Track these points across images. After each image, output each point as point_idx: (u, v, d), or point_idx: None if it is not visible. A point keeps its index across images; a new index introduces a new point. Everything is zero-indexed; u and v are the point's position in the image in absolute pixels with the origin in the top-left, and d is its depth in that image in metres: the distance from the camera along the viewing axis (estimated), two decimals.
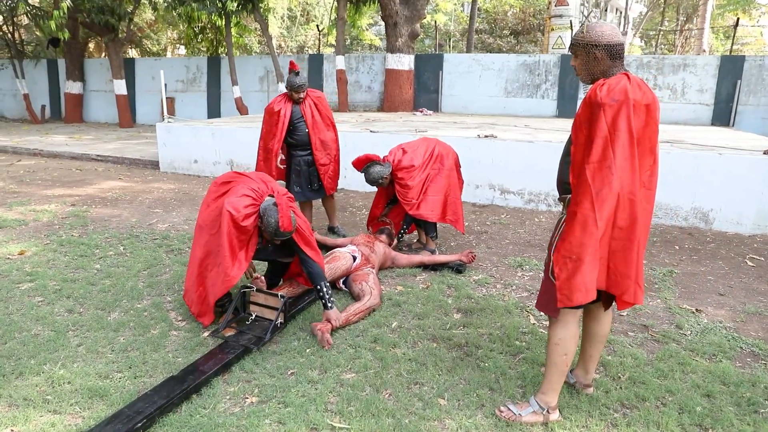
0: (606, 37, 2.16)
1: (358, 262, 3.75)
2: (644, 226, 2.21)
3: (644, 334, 3.25)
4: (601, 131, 2.06)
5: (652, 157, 2.18)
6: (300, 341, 3.07)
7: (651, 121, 2.12)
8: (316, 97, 4.97)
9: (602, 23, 2.21)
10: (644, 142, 2.12)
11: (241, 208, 3.01)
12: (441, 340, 3.11)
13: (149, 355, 2.88)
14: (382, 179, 4.47)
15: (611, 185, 2.06)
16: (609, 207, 2.08)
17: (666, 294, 3.89)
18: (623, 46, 2.19)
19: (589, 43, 2.18)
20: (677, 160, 5.67)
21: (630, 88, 2.06)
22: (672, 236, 5.40)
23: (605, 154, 2.06)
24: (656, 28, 32.25)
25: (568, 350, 2.30)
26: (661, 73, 10.88)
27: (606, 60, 2.18)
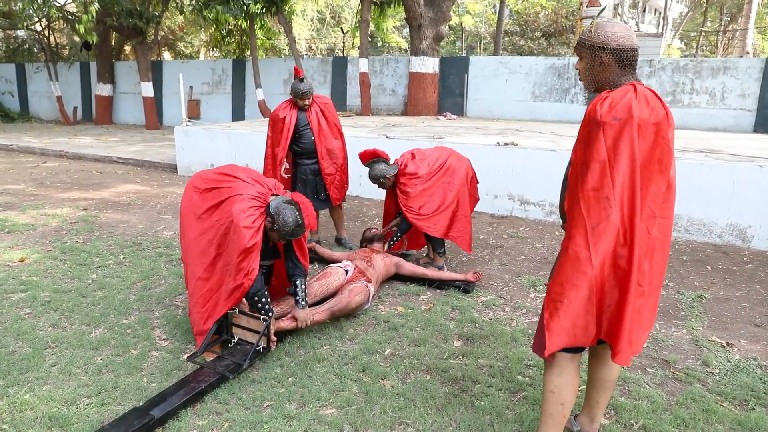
0: (617, 39, 1.87)
1: (350, 275, 3.53)
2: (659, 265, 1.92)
3: (665, 371, 2.92)
4: (599, 155, 1.79)
5: (664, 181, 1.87)
6: (283, 368, 2.86)
7: (661, 141, 1.82)
8: (323, 103, 4.78)
9: (615, 22, 1.92)
10: (652, 165, 1.83)
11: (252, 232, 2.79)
12: (436, 372, 2.85)
13: (122, 379, 2.72)
14: (384, 179, 4.25)
15: (609, 219, 1.79)
16: (607, 243, 1.81)
17: (693, 323, 3.53)
18: (636, 52, 1.91)
19: (596, 45, 1.90)
20: (712, 171, 5.25)
21: (635, 104, 1.78)
22: (704, 255, 4.99)
23: (603, 181, 1.79)
24: (697, 29, 31.04)
25: (565, 400, 2.01)
26: (699, 76, 10.30)
27: (614, 67, 1.89)
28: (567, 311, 1.89)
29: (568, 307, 1.89)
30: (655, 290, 1.97)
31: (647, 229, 1.86)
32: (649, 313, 1.99)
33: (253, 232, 2.80)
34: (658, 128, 1.81)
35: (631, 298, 1.83)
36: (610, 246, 1.82)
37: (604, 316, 1.93)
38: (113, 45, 17.32)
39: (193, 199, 3.07)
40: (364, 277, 3.54)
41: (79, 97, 17.24)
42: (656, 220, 1.88)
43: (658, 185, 1.86)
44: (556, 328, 1.91)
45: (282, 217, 2.84)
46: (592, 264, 1.82)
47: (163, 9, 14.54)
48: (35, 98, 18.17)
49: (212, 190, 3.03)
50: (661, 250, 1.94)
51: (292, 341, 3.13)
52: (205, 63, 15.92)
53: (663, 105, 1.88)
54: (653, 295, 1.97)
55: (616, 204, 1.79)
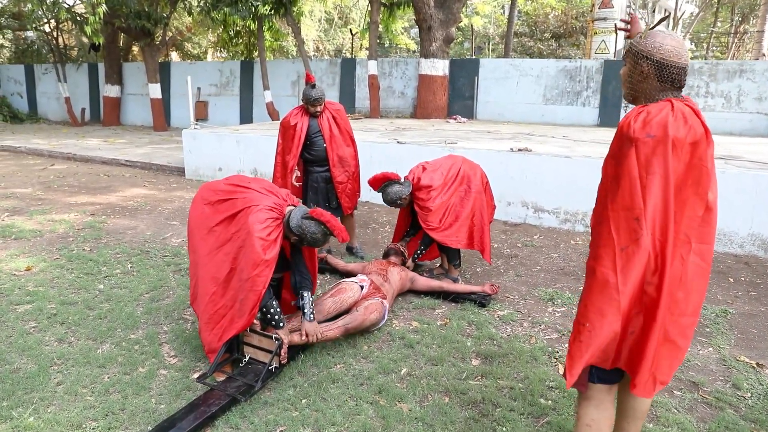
0: (663, 51, 1.75)
1: (365, 291, 3.42)
2: (696, 294, 1.80)
3: (694, 395, 2.79)
4: (631, 172, 1.69)
5: (702, 205, 1.76)
6: (296, 389, 2.76)
7: (698, 162, 1.71)
8: (335, 110, 4.67)
9: (670, 35, 1.79)
10: (687, 187, 1.72)
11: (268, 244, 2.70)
12: (454, 394, 2.74)
13: (130, 400, 2.63)
14: (401, 200, 4.12)
15: (639, 242, 1.68)
16: (637, 269, 1.70)
17: (719, 341, 3.40)
18: (682, 71, 1.77)
19: (640, 53, 1.79)
20: (734, 179, 5.10)
21: (671, 121, 1.67)
22: (725, 266, 4.84)
23: (634, 201, 1.69)
24: (708, 30, 30.73)
25: (592, 418, 1.89)
26: (714, 79, 10.13)
27: (653, 79, 1.78)
28: (590, 337, 1.79)
29: (590, 333, 1.79)
30: (691, 321, 1.85)
31: (681, 256, 1.75)
32: (685, 342, 1.87)
33: (269, 244, 2.70)
34: (694, 148, 1.71)
35: (657, 329, 1.73)
36: (640, 271, 1.72)
37: (624, 344, 1.83)
38: (121, 46, 17.32)
39: (204, 212, 2.96)
40: (380, 294, 3.43)
41: (87, 98, 17.25)
42: (692, 245, 1.77)
43: (694, 209, 1.75)
44: (577, 354, 1.81)
45: (310, 234, 2.77)
46: (619, 289, 1.72)
47: (171, 10, 14.50)
48: (44, 99, 18.21)
49: (225, 201, 2.92)
50: (699, 277, 1.82)
51: (305, 359, 3.03)
52: (212, 64, 15.87)
53: (703, 123, 1.76)
54: (689, 325, 1.85)
55: (648, 226, 1.69)
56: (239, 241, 2.77)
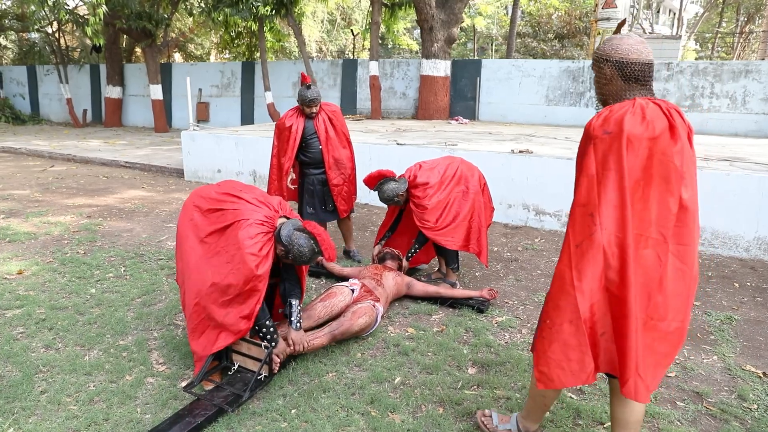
0: (620, 52, 1.81)
1: (356, 295, 3.33)
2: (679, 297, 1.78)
3: (697, 406, 2.70)
4: (588, 169, 1.75)
5: (675, 202, 1.74)
6: (286, 398, 2.67)
7: (662, 157, 1.71)
8: (330, 111, 4.59)
9: (628, 36, 1.86)
10: (655, 184, 1.72)
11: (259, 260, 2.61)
12: (449, 405, 2.65)
13: (114, 410, 2.55)
14: (398, 197, 4.03)
15: (593, 237, 1.71)
16: (592, 265, 1.72)
17: (724, 349, 3.30)
18: (646, 67, 1.81)
19: (601, 57, 1.86)
20: (739, 182, 5.00)
21: (629, 118, 1.70)
22: (730, 270, 4.74)
23: (589, 197, 1.74)
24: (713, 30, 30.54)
25: (546, 394, 2.13)
26: (719, 80, 10.00)
27: (617, 80, 1.83)
28: (551, 334, 1.84)
29: (551, 329, 1.84)
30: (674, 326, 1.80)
31: (658, 256, 1.74)
32: (668, 349, 1.82)
33: (261, 260, 2.61)
34: (653, 144, 1.71)
35: (632, 329, 1.72)
36: (597, 268, 1.74)
37: (599, 347, 1.82)
38: (124, 47, 17.31)
39: (194, 219, 2.87)
40: (372, 297, 3.34)
41: (89, 99, 17.25)
42: (669, 245, 1.75)
43: (665, 207, 1.74)
44: (541, 350, 1.88)
45: (297, 247, 2.67)
46: (575, 285, 1.75)
47: (172, 11, 14.47)
48: (46, 100, 18.21)
49: (215, 211, 2.83)
50: (679, 280, 1.78)
51: (296, 367, 2.95)
52: (214, 65, 15.83)
53: (670, 119, 1.75)
54: (672, 331, 1.80)
55: (602, 223, 1.71)
56: (227, 256, 2.68)
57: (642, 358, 1.75)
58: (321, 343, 2.96)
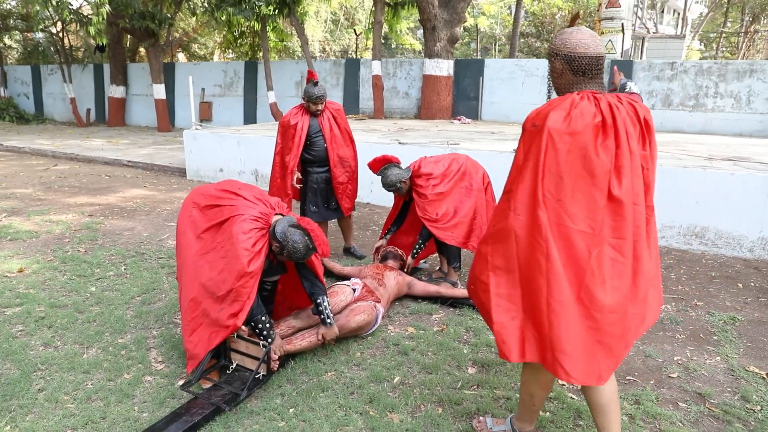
0: (569, 46, 1.85)
1: (357, 294, 3.32)
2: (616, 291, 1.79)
3: (700, 407, 2.67)
4: (516, 159, 1.84)
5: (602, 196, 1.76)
6: (284, 397, 2.66)
7: (583, 151, 1.74)
8: (334, 109, 4.58)
9: (578, 30, 1.88)
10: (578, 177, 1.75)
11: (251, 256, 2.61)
12: (448, 405, 2.63)
13: (112, 408, 2.54)
14: (401, 183, 4.02)
15: (507, 219, 1.83)
16: (504, 243, 1.84)
17: (727, 349, 3.27)
18: (594, 61, 1.84)
19: (552, 51, 1.92)
20: (743, 182, 4.96)
21: (553, 114, 1.75)
22: (734, 271, 4.70)
23: (511, 185, 1.85)
24: (717, 30, 30.41)
25: (533, 393, 2.15)
26: (724, 80, 9.95)
27: (567, 74, 1.87)
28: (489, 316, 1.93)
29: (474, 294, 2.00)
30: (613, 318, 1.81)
31: (586, 248, 1.77)
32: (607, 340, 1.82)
33: (253, 255, 2.61)
34: (573, 139, 1.75)
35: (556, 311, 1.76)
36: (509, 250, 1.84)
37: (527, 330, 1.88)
38: (128, 47, 17.36)
39: (192, 215, 2.89)
40: (373, 297, 3.32)
41: (93, 98, 17.28)
42: (601, 238, 1.77)
43: (592, 200, 1.77)
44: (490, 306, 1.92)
45: (291, 243, 2.67)
46: (488, 260, 1.89)
47: (175, 11, 14.49)
48: (50, 100, 18.26)
49: (213, 207, 2.84)
50: (618, 272, 1.79)
51: (295, 366, 2.93)
52: (216, 65, 15.85)
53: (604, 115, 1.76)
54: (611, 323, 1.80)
55: (517, 208, 1.81)
56: (222, 251, 2.69)
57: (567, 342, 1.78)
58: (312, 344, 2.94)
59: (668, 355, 3.20)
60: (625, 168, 1.77)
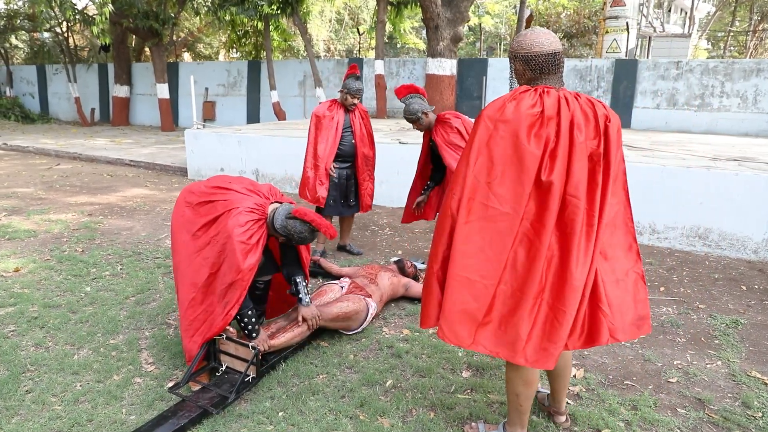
0: (523, 47, 1.95)
1: (345, 290, 3.28)
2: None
3: (699, 413, 2.60)
4: (466, 145, 1.97)
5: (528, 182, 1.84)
6: (273, 400, 2.62)
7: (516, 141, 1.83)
8: (363, 111, 4.66)
9: (532, 31, 1.98)
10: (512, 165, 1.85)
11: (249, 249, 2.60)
12: (441, 409, 2.58)
13: (100, 410, 2.51)
14: (423, 114, 4.05)
15: (448, 202, 1.96)
16: (443, 223, 1.99)
17: (729, 353, 3.20)
18: (550, 58, 1.92)
19: (510, 54, 2.03)
20: (747, 182, 4.88)
21: (493, 103, 1.90)
22: (738, 273, 4.62)
23: (457, 169, 1.97)
24: (725, 29, 30.14)
25: (519, 392, 2.15)
26: (730, 79, 9.83)
27: (527, 73, 1.97)
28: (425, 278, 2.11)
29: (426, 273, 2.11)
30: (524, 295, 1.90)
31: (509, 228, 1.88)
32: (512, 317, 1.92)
33: (250, 248, 2.59)
34: (506, 126, 1.85)
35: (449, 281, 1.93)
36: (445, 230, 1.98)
37: None
38: (133, 46, 17.39)
39: (185, 215, 2.85)
40: (362, 292, 3.28)
41: (97, 98, 17.34)
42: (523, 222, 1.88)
43: (519, 185, 1.85)
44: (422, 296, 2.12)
45: (297, 234, 2.67)
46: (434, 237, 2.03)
47: (179, 10, 14.50)
48: (54, 99, 18.34)
49: (206, 204, 2.81)
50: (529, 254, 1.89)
51: (286, 368, 2.89)
52: (220, 64, 15.85)
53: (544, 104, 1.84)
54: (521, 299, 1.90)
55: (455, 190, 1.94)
56: (218, 246, 2.65)
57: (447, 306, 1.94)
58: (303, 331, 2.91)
59: (668, 359, 3.13)
60: (560, 158, 1.83)
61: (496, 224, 1.88)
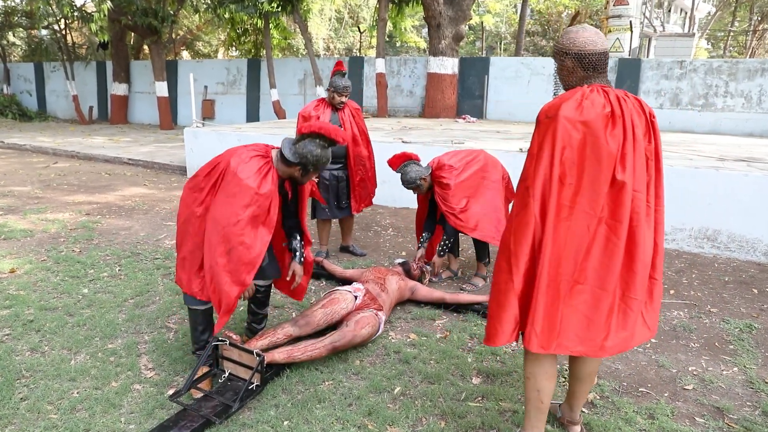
0: (577, 44, 1.94)
1: (359, 302, 3.17)
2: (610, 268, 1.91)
3: (718, 422, 2.52)
4: (532, 149, 1.94)
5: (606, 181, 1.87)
6: (278, 409, 2.52)
7: (593, 139, 1.84)
8: (354, 108, 4.50)
9: (583, 28, 1.99)
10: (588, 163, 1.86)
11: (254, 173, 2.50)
12: (451, 418, 2.49)
13: (98, 419, 2.41)
14: (421, 180, 3.93)
15: (527, 208, 1.91)
16: (525, 230, 1.92)
17: (745, 360, 3.11)
18: (601, 57, 1.94)
19: (560, 50, 1.99)
20: (757, 183, 4.79)
21: (566, 104, 1.86)
22: (748, 275, 4.54)
23: (528, 173, 1.94)
24: (725, 29, 30.10)
25: (541, 387, 2.09)
26: (734, 79, 9.76)
27: (578, 70, 1.96)
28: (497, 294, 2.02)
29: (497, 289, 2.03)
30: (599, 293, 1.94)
31: (587, 227, 1.90)
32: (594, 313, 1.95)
33: (261, 178, 2.50)
34: (585, 127, 1.85)
35: (538, 285, 1.90)
36: (529, 236, 1.92)
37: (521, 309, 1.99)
38: (132, 44, 17.26)
39: (191, 195, 2.65)
40: (375, 305, 3.18)
41: (95, 96, 17.21)
42: (602, 220, 1.90)
43: (597, 183, 1.87)
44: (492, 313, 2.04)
45: (311, 155, 2.57)
46: (511, 248, 1.96)
47: (178, 8, 14.38)
48: (52, 97, 18.20)
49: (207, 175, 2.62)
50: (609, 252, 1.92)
51: (291, 375, 2.80)
52: (219, 63, 15.73)
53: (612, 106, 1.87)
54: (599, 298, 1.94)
55: (535, 195, 1.90)
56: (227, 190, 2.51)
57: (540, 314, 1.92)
58: (320, 354, 2.80)
59: (682, 365, 3.05)
60: (629, 156, 1.88)
61: (578, 224, 1.90)
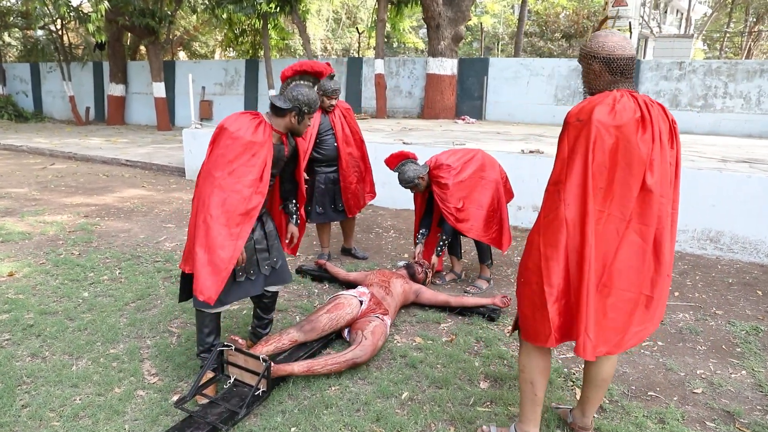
0: (606, 49, 1.94)
1: (364, 307, 3.13)
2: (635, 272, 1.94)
3: (729, 427, 2.49)
4: (562, 152, 1.93)
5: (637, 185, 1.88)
6: (285, 415, 2.49)
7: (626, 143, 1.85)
8: (345, 108, 4.43)
9: (611, 33, 2.00)
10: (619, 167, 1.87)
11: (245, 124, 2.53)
12: (460, 423, 2.46)
13: (101, 426, 2.37)
14: (419, 179, 3.90)
15: (558, 211, 1.91)
16: (555, 233, 1.92)
17: (753, 362, 3.09)
18: (629, 62, 1.95)
19: (588, 54, 1.99)
20: (760, 184, 4.78)
21: (599, 108, 1.86)
22: (752, 277, 4.53)
23: (559, 176, 1.93)
24: (721, 30, 30.22)
25: (533, 379, 2.13)
26: (733, 80, 9.77)
27: (606, 74, 1.97)
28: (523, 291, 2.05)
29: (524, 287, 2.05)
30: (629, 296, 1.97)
31: (616, 230, 1.92)
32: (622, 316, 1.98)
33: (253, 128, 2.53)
34: (618, 132, 1.86)
35: (584, 293, 1.88)
36: (560, 238, 1.91)
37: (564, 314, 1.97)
38: (129, 45, 17.18)
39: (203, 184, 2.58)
40: (380, 309, 3.14)
41: (92, 97, 17.12)
42: (629, 223, 1.92)
43: (627, 188, 1.89)
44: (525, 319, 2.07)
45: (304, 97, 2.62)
46: (540, 250, 1.95)
47: (176, 8, 14.32)
48: (49, 98, 18.10)
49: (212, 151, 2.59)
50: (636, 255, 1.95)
51: (297, 380, 2.76)
52: (217, 63, 15.67)
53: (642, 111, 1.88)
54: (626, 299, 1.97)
55: (566, 199, 1.89)
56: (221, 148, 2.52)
57: (592, 320, 1.90)
58: (339, 369, 2.73)
59: (690, 368, 3.03)
60: (657, 161, 1.90)
61: (608, 228, 1.91)
